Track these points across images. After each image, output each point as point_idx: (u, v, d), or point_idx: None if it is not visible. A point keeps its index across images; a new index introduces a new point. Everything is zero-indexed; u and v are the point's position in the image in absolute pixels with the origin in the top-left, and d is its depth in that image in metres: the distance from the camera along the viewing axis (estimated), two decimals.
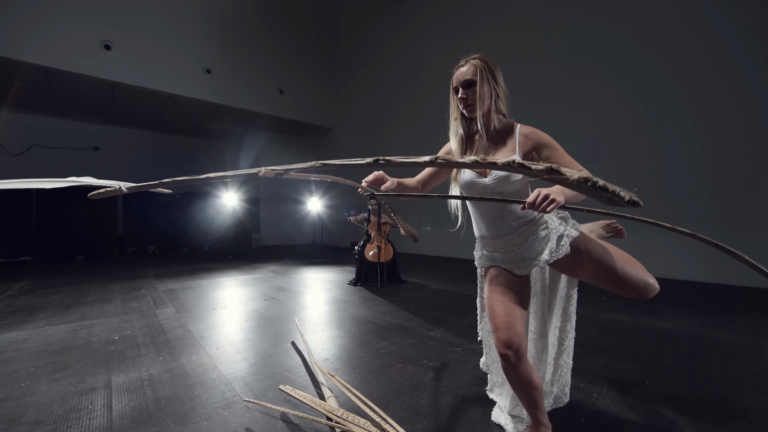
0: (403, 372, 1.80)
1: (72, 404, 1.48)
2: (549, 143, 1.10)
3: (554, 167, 0.37)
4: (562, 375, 1.39)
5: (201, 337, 2.36)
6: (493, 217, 1.19)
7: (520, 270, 1.19)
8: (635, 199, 0.37)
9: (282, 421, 1.35)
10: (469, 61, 1.19)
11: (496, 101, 1.18)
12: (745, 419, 1.36)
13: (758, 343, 2.20)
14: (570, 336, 1.39)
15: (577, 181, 0.38)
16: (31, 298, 3.65)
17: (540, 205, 0.85)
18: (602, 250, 1.17)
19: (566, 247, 1.15)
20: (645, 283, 1.16)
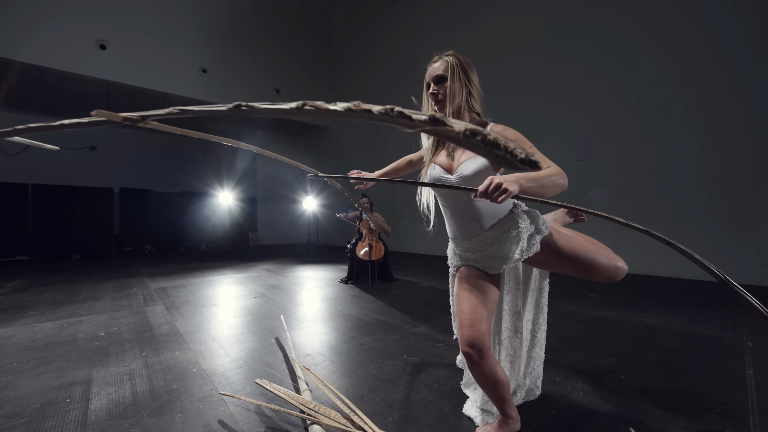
0: (381, 367, 1.82)
1: (50, 398, 1.49)
2: (518, 139, 1.09)
3: (438, 117, 0.36)
4: (535, 367, 1.41)
5: (186, 334, 2.38)
6: (463, 218, 1.19)
7: (492, 269, 1.20)
8: (532, 159, 0.36)
9: (256, 414, 1.37)
10: (442, 57, 1.20)
11: (468, 99, 1.18)
12: (715, 411, 1.37)
13: (739, 338, 2.21)
14: (542, 328, 1.41)
15: (464, 134, 0.36)
16: (23, 296, 3.67)
17: (492, 194, 0.84)
18: (571, 241, 1.19)
19: (537, 245, 1.16)
20: (615, 267, 1.18)
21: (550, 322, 2.53)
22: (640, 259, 4.67)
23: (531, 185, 0.90)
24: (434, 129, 0.37)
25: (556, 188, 0.93)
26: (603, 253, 1.18)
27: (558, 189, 0.94)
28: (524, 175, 0.89)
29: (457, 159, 1.18)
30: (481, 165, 1.10)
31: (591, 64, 5.24)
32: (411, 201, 7.81)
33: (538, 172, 0.91)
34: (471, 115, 1.20)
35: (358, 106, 0.37)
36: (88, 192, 8.30)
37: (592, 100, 5.24)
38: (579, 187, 5.38)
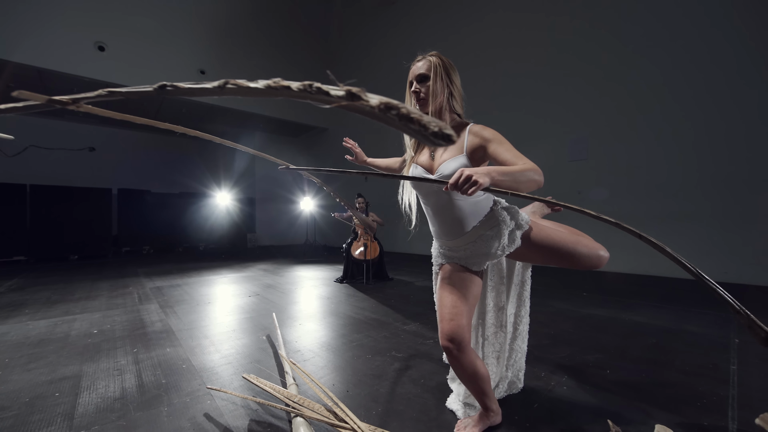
0: (370, 362, 1.84)
1: (39, 392, 1.51)
2: (495, 138, 1.11)
3: (354, 91, 0.36)
4: (517, 360, 1.42)
5: (179, 331, 2.39)
6: (446, 217, 1.20)
7: (476, 266, 1.22)
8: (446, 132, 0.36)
9: (242, 408, 1.38)
10: (426, 57, 1.20)
11: (449, 99, 1.19)
12: (695, 405, 1.39)
13: (726, 335, 2.23)
14: (524, 321, 1.42)
15: (379, 109, 0.37)
16: (19, 295, 3.69)
17: (462, 186, 0.85)
18: (551, 233, 1.21)
19: (518, 241, 1.18)
20: (597, 255, 1.20)
21: (540, 320, 2.56)
22: (634, 259, 4.69)
23: (503, 179, 0.90)
24: (351, 104, 0.38)
25: (530, 183, 0.95)
26: (583, 242, 1.20)
27: (533, 185, 0.96)
28: (496, 168, 0.91)
29: (437, 159, 1.20)
30: (461, 164, 1.12)
31: (586, 65, 5.27)
32: None
33: (511, 167, 0.94)
34: (452, 115, 1.21)
35: (278, 83, 0.39)
36: (86, 193, 8.32)
37: (587, 100, 5.27)
38: (574, 187, 5.41)
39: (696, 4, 4.30)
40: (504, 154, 1.02)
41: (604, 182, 5.11)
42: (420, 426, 1.25)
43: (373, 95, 0.38)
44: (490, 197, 1.19)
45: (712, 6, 4.19)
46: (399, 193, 1.32)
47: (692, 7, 4.32)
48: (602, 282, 4.18)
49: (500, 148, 1.04)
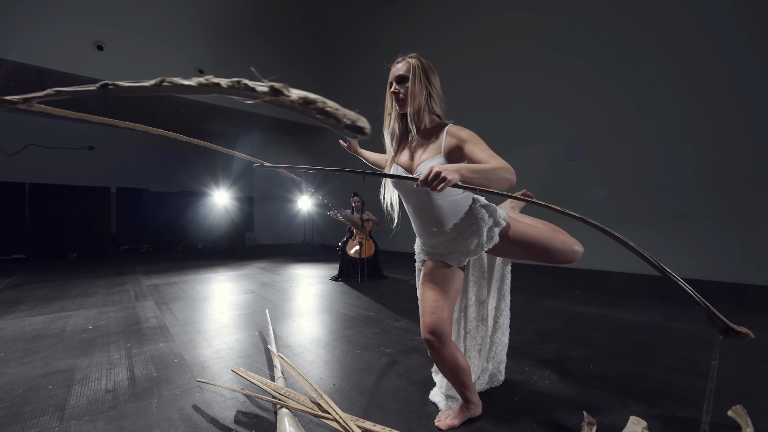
0: (358, 357, 1.87)
1: (33, 385, 1.55)
2: (471, 138, 1.12)
3: (277, 87, 0.40)
4: (497, 352, 1.46)
5: (172, 327, 2.43)
6: (426, 216, 1.23)
7: (457, 261, 1.25)
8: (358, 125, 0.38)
9: (230, 400, 1.42)
10: (405, 59, 1.23)
11: (428, 101, 1.22)
12: (673, 398, 1.43)
13: (711, 332, 2.26)
14: (504, 314, 1.46)
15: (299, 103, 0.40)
16: (17, 292, 3.72)
17: (431, 182, 0.88)
18: (528, 229, 1.24)
19: (496, 237, 1.21)
20: (571, 250, 1.24)
21: (530, 317, 2.60)
22: (628, 258, 4.72)
23: (473, 176, 0.93)
24: (274, 99, 0.41)
25: (501, 181, 0.97)
26: (559, 237, 1.23)
27: (504, 182, 0.98)
28: (466, 165, 0.94)
29: (416, 159, 1.22)
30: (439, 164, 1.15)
31: (582, 64, 5.29)
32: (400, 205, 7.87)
33: (483, 165, 0.97)
34: (431, 116, 1.24)
35: (209, 80, 0.42)
36: (85, 191, 8.35)
37: (583, 100, 5.29)
38: (569, 186, 5.44)
39: (695, 4, 4.31)
40: (478, 154, 1.05)
41: (599, 182, 5.14)
42: (402, 417, 1.29)
43: (294, 90, 0.41)
44: (470, 196, 1.22)
45: (710, 5, 4.20)
46: (381, 192, 1.35)
47: (691, 7, 4.33)
48: (595, 280, 4.21)
49: (475, 147, 1.07)
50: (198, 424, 1.24)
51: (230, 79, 0.43)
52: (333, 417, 1.17)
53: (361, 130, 0.39)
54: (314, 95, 0.41)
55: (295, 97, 0.41)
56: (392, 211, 1.33)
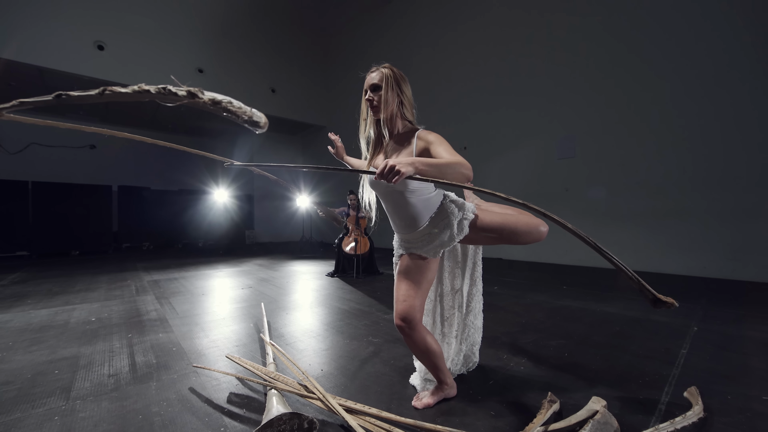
0: (347, 346, 1.97)
1: (40, 370, 1.65)
2: (436, 140, 1.21)
3: (193, 91, 0.50)
4: (470, 334, 1.55)
5: (172, 319, 2.53)
6: (402, 214, 1.32)
7: (432, 253, 1.34)
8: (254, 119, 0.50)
9: (224, 383, 1.52)
10: (379, 69, 1.31)
11: (400, 107, 1.31)
12: (638, 382, 1.52)
13: (688, 324, 2.35)
14: (476, 299, 1.55)
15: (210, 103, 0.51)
16: (21, 288, 3.84)
17: (387, 175, 0.96)
18: (495, 216, 1.34)
19: (466, 228, 1.31)
20: (537, 231, 1.34)
21: (515, 311, 2.70)
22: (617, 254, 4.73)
23: (427, 169, 1.01)
24: (191, 101, 0.53)
25: (456, 175, 1.05)
26: (523, 220, 1.33)
27: (460, 176, 1.06)
28: (421, 159, 1.02)
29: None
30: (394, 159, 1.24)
31: (576, 63, 5.36)
32: None
33: (438, 159, 1.07)
34: (403, 121, 1.34)
35: (141, 87, 0.53)
36: (87, 189, 8.47)
37: (576, 98, 5.36)
38: (562, 184, 5.52)
39: (691, 3, 4.35)
40: (441, 153, 1.14)
41: (591, 180, 5.21)
42: (382, 398, 1.39)
43: (208, 93, 0.53)
44: (441, 193, 1.32)
45: (707, 4, 4.24)
46: (360, 192, 1.44)
47: (686, 4, 4.38)
48: (584, 276, 4.30)
49: (439, 147, 1.16)
50: (194, 404, 1.34)
51: (157, 86, 0.54)
52: (317, 396, 1.28)
53: (257, 124, 0.53)
54: (222, 96, 0.54)
55: (206, 98, 0.54)
56: (371, 209, 1.42)
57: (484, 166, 6.37)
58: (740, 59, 3.97)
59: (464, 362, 1.56)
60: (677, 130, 4.41)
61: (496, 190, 1.01)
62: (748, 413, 1.24)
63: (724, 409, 1.27)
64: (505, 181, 6.21)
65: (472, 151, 6.64)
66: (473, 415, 1.26)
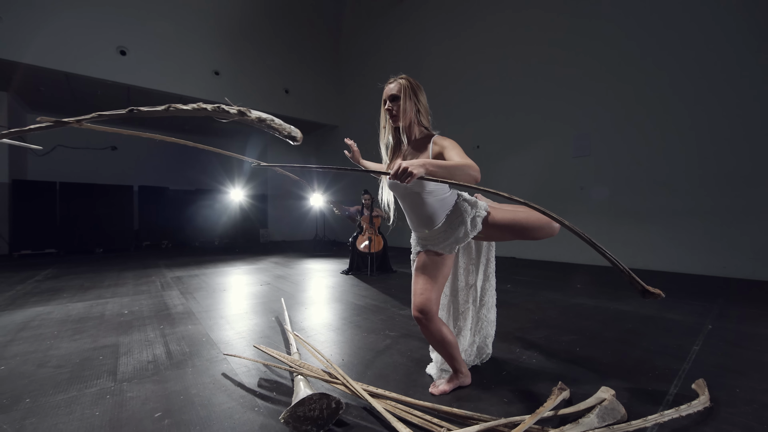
0: (365, 339, 2.07)
1: (86, 356, 1.80)
2: (449, 145, 1.30)
3: (243, 110, 0.62)
4: (483, 327, 1.63)
5: (198, 312, 2.68)
6: (419, 214, 1.41)
7: (449, 250, 1.43)
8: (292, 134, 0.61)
9: (253, 370, 1.64)
10: (396, 80, 1.41)
11: (417, 115, 1.41)
12: (647, 375, 1.57)
13: (702, 322, 2.37)
14: (489, 294, 1.63)
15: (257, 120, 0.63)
16: (55, 283, 4.07)
17: (400, 176, 1.05)
18: (506, 213, 1.41)
19: (479, 225, 1.39)
20: (549, 225, 1.40)
21: (528, 308, 2.76)
22: (634, 254, 4.78)
23: (437, 170, 1.09)
24: (241, 118, 0.65)
25: (464, 176, 1.13)
26: (534, 215, 1.39)
27: (468, 177, 1.14)
28: (431, 161, 1.11)
29: None
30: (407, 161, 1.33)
31: (590, 62, 5.34)
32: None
33: (448, 161, 1.16)
34: (420, 128, 1.44)
35: (200, 106, 0.64)
36: (109, 189, 8.82)
37: (591, 97, 5.34)
38: (576, 183, 5.50)
39: (699, 4, 4.32)
40: (452, 156, 1.23)
41: (606, 178, 5.19)
42: (401, 385, 1.48)
43: (254, 111, 0.64)
44: (455, 193, 1.42)
45: (715, 4, 4.20)
46: (379, 194, 1.55)
47: (695, 6, 4.35)
48: (598, 275, 4.30)
49: (452, 152, 1.25)
50: (227, 387, 1.46)
51: (213, 105, 0.67)
52: (342, 382, 1.38)
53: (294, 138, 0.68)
54: (266, 115, 0.67)
55: (253, 116, 0.66)
56: (389, 209, 1.52)
57: (497, 165, 6.39)
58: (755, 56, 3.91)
59: (478, 353, 1.64)
60: (698, 128, 4.34)
61: (508, 189, 1.10)
62: (754, 405, 1.28)
63: (731, 401, 1.32)
64: (518, 180, 6.21)
65: (484, 150, 6.66)
66: (487, 401, 1.34)
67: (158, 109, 0.73)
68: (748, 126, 3.99)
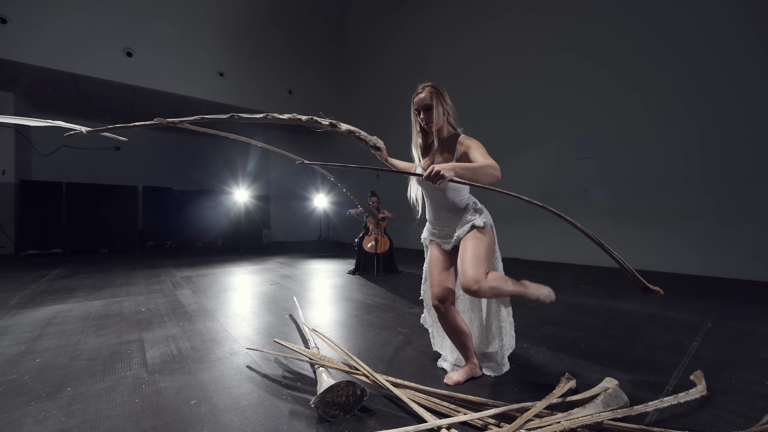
0: (378, 335, 2.16)
1: (115, 350, 1.89)
2: (474, 145, 1.42)
3: (333, 122, 0.72)
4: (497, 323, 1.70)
5: (213, 310, 2.77)
6: (438, 206, 1.56)
7: (446, 246, 1.56)
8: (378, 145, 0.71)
9: (275, 363, 1.73)
10: (425, 89, 1.51)
11: (447, 118, 1.54)
12: (649, 368, 1.67)
13: (703, 320, 2.46)
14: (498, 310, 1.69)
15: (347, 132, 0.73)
16: (68, 282, 4.15)
17: (432, 178, 1.16)
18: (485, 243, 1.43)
19: (466, 229, 1.48)
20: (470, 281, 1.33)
21: (532, 306, 2.85)
22: (636, 255, 4.86)
23: (465, 172, 1.21)
24: (333, 129, 0.76)
25: (488, 177, 1.26)
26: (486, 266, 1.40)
27: (491, 177, 1.26)
28: (460, 164, 1.23)
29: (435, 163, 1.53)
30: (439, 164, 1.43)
31: (592, 64, 5.44)
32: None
33: (473, 163, 1.26)
34: (448, 128, 1.56)
35: (295, 116, 0.75)
36: (114, 190, 8.89)
37: (593, 100, 5.44)
38: (580, 185, 5.59)
39: (700, 6, 4.42)
40: (476, 157, 1.35)
41: (609, 180, 5.27)
42: (417, 377, 1.57)
43: (343, 124, 0.75)
44: (471, 197, 1.55)
45: (716, 7, 4.30)
46: (409, 191, 1.69)
47: (696, 8, 4.44)
48: (600, 276, 4.39)
49: (476, 152, 1.37)
50: (254, 378, 1.55)
51: (307, 116, 0.78)
52: (363, 372, 1.47)
53: (378, 148, 0.80)
54: (354, 128, 0.78)
55: (343, 128, 0.77)
56: (417, 204, 1.67)
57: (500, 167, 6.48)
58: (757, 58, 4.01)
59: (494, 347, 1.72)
60: (700, 129, 4.43)
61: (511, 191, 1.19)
62: (748, 394, 1.38)
63: (727, 391, 1.41)
64: (521, 182, 6.29)
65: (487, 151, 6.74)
66: (498, 390, 1.44)
67: (257, 117, 0.83)
68: (750, 127, 4.07)
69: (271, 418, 1.23)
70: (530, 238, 6.17)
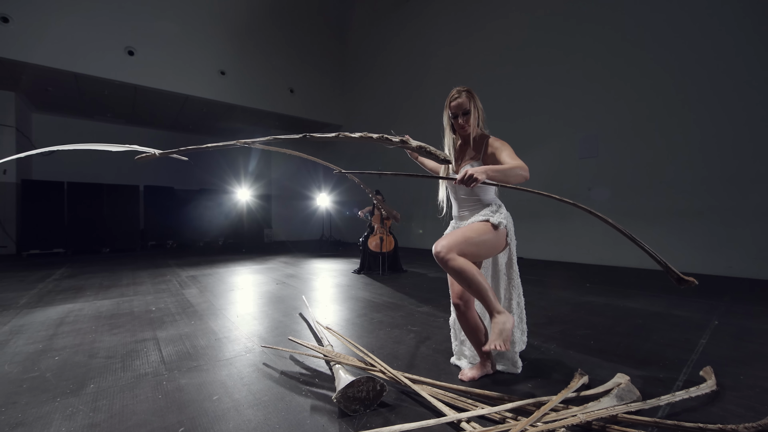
0: (389, 333, 2.19)
1: (131, 348, 1.91)
2: (502, 146, 1.49)
3: (404, 139, 0.75)
4: None
5: (222, 309, 2.79)
6: (463, 204, 1.64)
7: None
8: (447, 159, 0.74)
9: (291, 360, 1.75)
10: (462, 94, 1.56)
11: (479, 121, 1.59)
12: (658, 365, 1.70)
13: (709, 318, 2.49)
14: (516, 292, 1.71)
15: (417, 148, 0.75)
16: (74, 281, 4.17)
17: (466, 181, 1.20)
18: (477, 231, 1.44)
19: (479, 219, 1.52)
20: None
21: (541, 305, 2.89)
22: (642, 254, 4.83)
23: (496, 175, 1.27)
24: (403, 146, 0.77)
25: (517, 177, 1.32)
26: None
27: (520, 178, 1.32)
28: (491, 167, 1.28)
29: (464, 163, 1.62)
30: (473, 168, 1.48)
31: (596, 64, 5.46)
32: (419, 200, 8.16)
33: (503, 165, 1.30)
34: (477, 129, 1.60)
35: (366, 134, 0.77)
36: (116, 189, 8.89)
37: (596, 100, 5.46)
38: (584, 184, 5.62)
39: (703, 7, 4.45)
40: (504, 158, 1.42)
41: (613, 179, 5.30)
42: (432, 373, 1.59)
43: (413, 140, 0.76)
44: (497, 200, 1.61)
45: (718, 7, 4.33)
46: (439, 192, 1.74)
47: (699, 9, 4.48)
48: (605, 274, 4.43)
49: (503, 153, 1.44)
50: (272, 375, 1.58)
51: (378, 134, 0.79)
52: (379, 369, 1.49)
53: (448, 161, 0.81)
54: (424, 144, 0.80)
55: (414, 144, 0.79)
56: (444, 204, 1.73)
57: None
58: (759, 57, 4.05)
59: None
60: (703, 129, 4.46)
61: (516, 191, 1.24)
62: (757, 389, 1.41)
63: (736, 386, 1.44)
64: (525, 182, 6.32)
65: None
66: (512, 385, 1.47)
67: (329, 136, 0.86)
68: (753, 127, 4.10)
69: (293, 413, 1.25)
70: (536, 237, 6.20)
